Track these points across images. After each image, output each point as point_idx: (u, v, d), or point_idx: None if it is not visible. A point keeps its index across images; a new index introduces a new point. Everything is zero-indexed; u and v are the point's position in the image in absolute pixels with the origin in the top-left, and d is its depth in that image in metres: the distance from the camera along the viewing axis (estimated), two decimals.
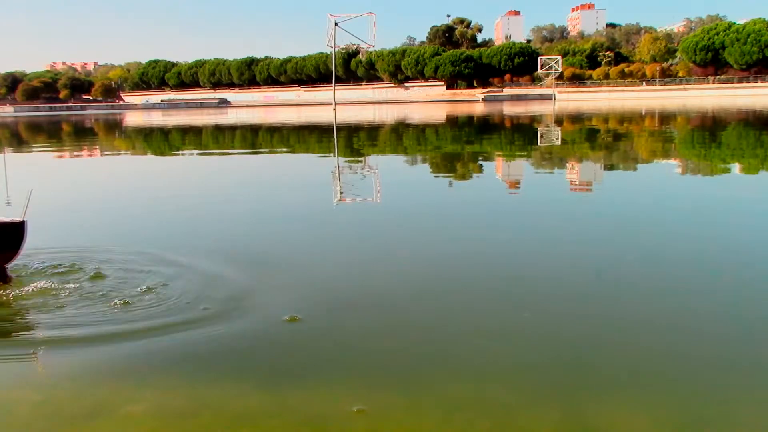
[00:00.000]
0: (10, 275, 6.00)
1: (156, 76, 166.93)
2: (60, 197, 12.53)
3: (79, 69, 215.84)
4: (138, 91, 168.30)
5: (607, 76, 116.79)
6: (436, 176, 15.65)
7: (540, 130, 33.25)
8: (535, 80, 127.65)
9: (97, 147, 29.46)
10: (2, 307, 5.40)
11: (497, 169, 16.64)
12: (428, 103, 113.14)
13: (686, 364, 4.21)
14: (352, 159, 19.53)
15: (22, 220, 5.58)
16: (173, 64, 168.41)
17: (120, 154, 25.35)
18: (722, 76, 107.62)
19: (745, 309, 5.19)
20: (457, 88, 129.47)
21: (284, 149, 25.02)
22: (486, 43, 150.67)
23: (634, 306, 5.33)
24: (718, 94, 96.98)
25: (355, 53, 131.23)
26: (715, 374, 4.07)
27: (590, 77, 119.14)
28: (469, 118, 49.68)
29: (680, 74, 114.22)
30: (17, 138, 40.43)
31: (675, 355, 4.34)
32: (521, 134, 30.74)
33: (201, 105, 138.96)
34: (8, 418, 3.81)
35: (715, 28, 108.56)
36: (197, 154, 23.54)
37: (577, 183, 13.25)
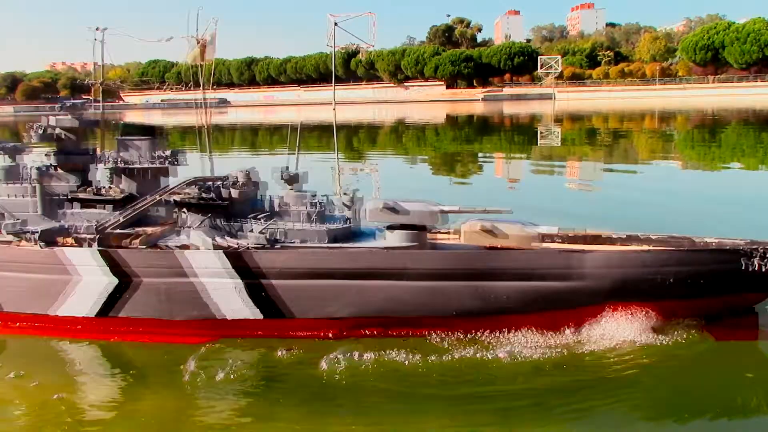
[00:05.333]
0: (761, 329, 4.58)
1: (156, 76, 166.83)
2: None
3: (78, 69, 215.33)
4: (138, 91, 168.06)
5: (606, 76, 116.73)
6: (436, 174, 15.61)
7: (540, 129, 33.25)
8: (534, 80, 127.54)
9: None
10: None
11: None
12: (428, 102, 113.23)
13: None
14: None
15: None
16: (173, 64, 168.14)
17: None
18: (722, 76, 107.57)
19: None
20: (456, 88, 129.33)
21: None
22: (486, 43, 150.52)
23: None
24: (717, 93, 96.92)
25: (355, 53, 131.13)
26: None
27: (590, 77, 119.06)
28: (469, 117, 49.66)
29: (680, 74, 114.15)
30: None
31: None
32: (521, 134, 30.75)
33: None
34: (8, 417, 3.81)
35: (715, 28, 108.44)
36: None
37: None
